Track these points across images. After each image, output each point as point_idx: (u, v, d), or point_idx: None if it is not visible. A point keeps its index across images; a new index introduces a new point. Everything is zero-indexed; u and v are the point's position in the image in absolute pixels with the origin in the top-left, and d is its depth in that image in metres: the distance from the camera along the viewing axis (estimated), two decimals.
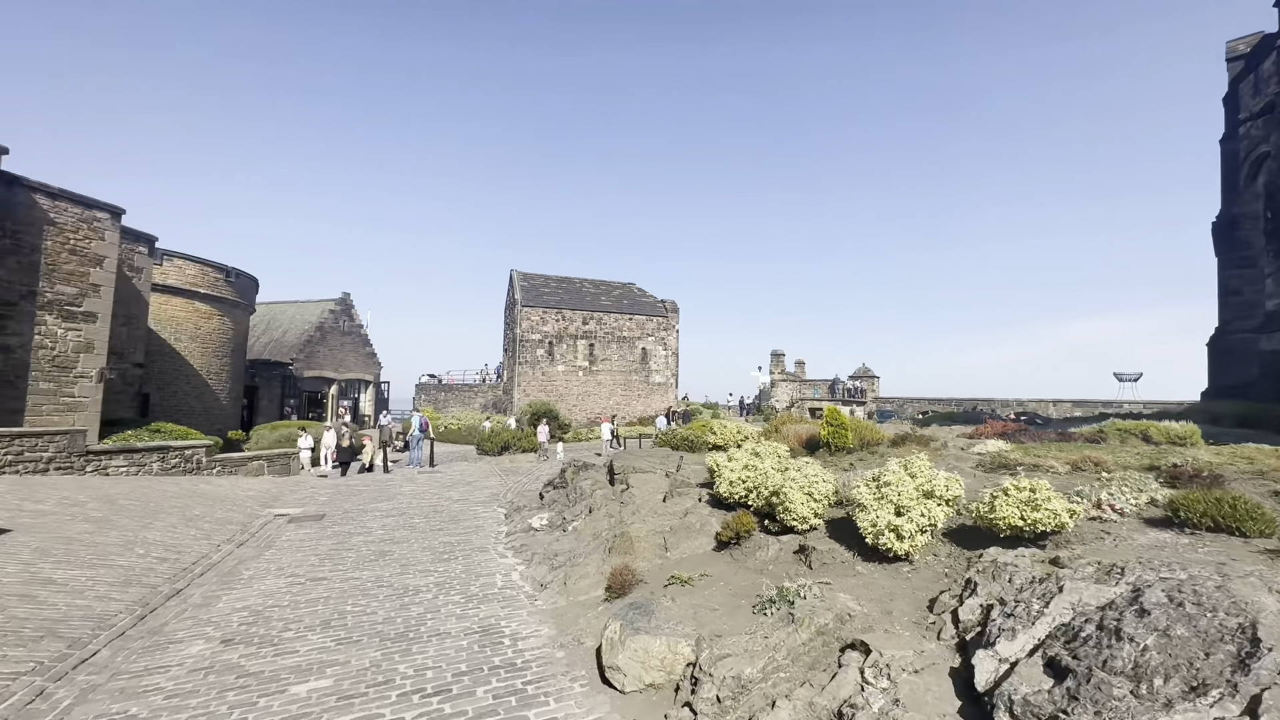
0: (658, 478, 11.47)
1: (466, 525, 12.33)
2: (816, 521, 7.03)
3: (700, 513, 8.47)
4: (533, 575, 8.52)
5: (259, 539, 11.41)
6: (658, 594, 6.54)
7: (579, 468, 14.38)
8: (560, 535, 10.42)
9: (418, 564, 9.56)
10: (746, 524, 7.19)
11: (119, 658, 6.26)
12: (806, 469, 7.51)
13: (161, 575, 8.89)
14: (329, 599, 7.93)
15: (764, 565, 6.67)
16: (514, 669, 5.56)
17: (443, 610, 7.31)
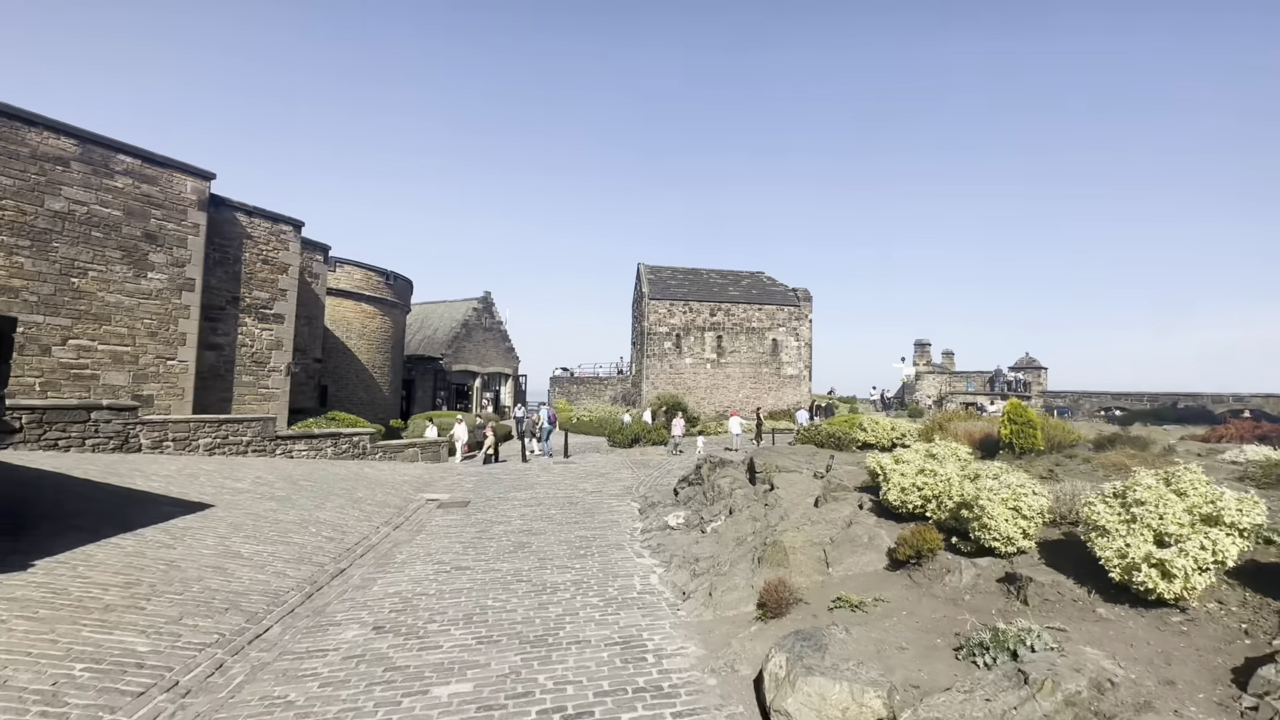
0: (805, 479, 10.37)
1: (601, 519, 12.07)
2: (1025, 544, 5.65)
3: (865, 523, 7.32)
4: (673, 580, 7.89)
5: (412, 523, 11.95)
6: (822, 618, 5.58)
7: (715, 464, 13.60)
8: (699, 537, 9.72)
9: (555, 558, 9.35)
10: (929, 541, 5.98)
11: (287, 635, 6.53)
12: (1006, 476, 6.10)
13: (328, 554, 9.45)
14: (470, 590, 7.88)
15: (956, 594, 5.45)
16: (661, 694, 4.92)
17: (581, 614, 6.90)
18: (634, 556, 9.44)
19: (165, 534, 9.05)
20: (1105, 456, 9.34)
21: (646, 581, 8.16)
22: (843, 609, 5.58)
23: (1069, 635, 4.20)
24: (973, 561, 5.74)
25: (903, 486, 7.19)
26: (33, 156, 15.12)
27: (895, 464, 7.70)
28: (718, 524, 9.86)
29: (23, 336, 14.78)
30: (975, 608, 5.14)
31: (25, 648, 5.35)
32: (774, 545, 7.14)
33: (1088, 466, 9.09)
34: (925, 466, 7.23)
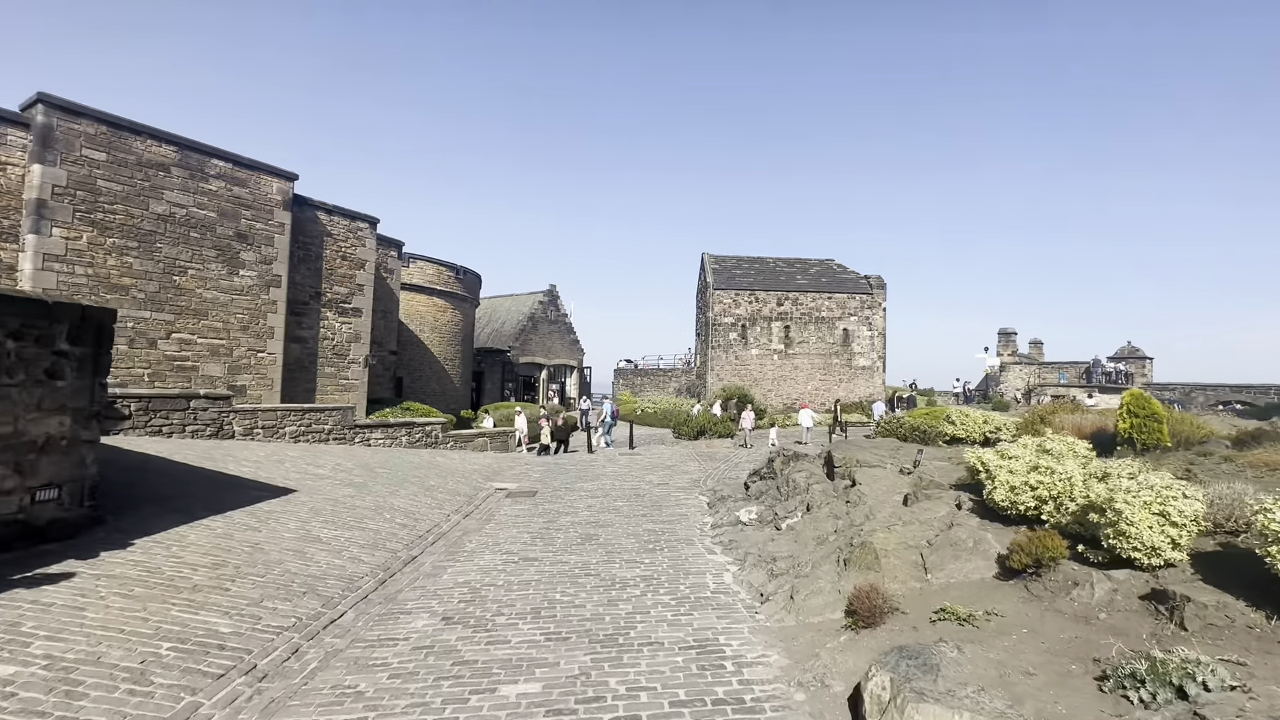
0: (890, 474, 9.59)
1: (669, 513, 11.70)
2: (1175, 555, 4.80)
3: (967, 524, 6.57)
4: (749, 580, 7.41)
5: (481, 511, 12.00)
6: (925, 631, 4.97)
7: (789, 457, 12.95)
8: (774, 534, 9.18)
9: (623, 552, 9.06)
10: (1051, 548, 5.22)
11: (360, 622, 6.53)
12: (1146, 476, 5.24)
13: (401, 541, 9.55)
14: (538, 583, 7.69)
15: (1088, 612, 4.70)
16: (744, 708, 4.48)
17: (652, 612, 6.55)
18: (705, 553, 9.01)
19: (252, 517, 9.38)
20: (1253, 455, 8.07)
21: (720, 580, 7.71)
22: (948, 622, 4.94)
23: (1252, 671, 3.45)
24: (1107, 574, 4.94)
25: (1012, 485, 6.39)
26: (139, 164, 16.22)
27: (1001, 460, 6.88)
28: (794, 520, 9.28)
29: (133, 331, 15.95)
30: (1115, 629, 4.39)
31: (119, 624, 5.52)
32: (862, 546, 6.52)
33: (1231, 466, 7.89)
34: (1039, 463, 6.39)
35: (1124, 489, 5.02)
